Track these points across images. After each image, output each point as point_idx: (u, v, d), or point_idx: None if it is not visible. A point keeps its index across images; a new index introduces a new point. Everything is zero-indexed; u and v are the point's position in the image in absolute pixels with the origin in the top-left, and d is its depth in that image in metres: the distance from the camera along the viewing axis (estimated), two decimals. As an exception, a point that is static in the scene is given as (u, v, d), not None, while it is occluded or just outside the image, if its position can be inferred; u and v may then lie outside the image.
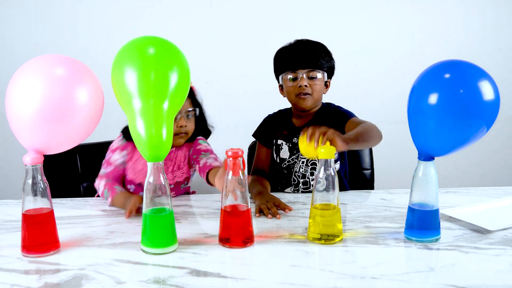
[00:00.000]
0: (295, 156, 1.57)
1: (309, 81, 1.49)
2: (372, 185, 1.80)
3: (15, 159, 1.91)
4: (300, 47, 1.52)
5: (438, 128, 1.05)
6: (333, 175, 1.10)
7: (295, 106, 1.57)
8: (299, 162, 1.56)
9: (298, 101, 1.52)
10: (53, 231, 1.10)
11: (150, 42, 1.10)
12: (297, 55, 1.50)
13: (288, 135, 1.59)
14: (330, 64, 1.54)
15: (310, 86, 1.50)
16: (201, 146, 1.57)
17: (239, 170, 1.09)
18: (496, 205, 1.36)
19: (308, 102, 1.52)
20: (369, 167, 1.78)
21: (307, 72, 1.49)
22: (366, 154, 1.79)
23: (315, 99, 1.53)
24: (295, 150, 1.57)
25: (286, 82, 1.53)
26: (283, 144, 1.58)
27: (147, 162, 1.08)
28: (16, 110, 1.06)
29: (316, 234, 1.13)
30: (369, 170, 1.79)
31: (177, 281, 0.95)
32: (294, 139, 1.57)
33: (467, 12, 2.61)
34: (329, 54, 1.54)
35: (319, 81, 1.51)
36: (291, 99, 1.56)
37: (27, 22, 2.49)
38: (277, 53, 1.58)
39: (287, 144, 1.57)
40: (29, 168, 1.05)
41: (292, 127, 1.60)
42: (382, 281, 0.94)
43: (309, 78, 1.49)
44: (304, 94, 1.50)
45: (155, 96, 1.06)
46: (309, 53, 1.50)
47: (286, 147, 1.57)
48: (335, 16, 2.57)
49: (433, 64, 1.10)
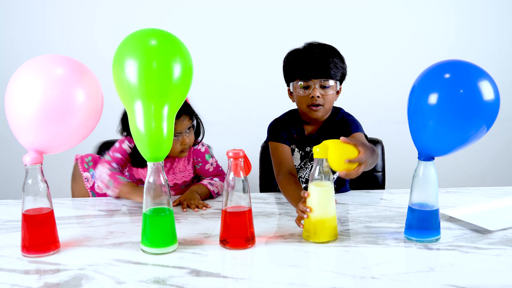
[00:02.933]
0: (303, 163, 1.56)
1: (321, 90, 1.43)
2: (384, 187, 1.79)
3: (15, 159, 1.92)
4: (312, 54, 1.44)
5: (438, 128, 1.05)
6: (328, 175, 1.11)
7: (306, 116, 1.51)
8: (306, 169, 1.56)
9: (309, 112, 1.46)
10: (53, 231, 1.10)
11: (152, 34, 1.07)
12: (309, 63, 1.43)
13: (301, 142, 1.55)
14: (343, 71, 1.48)
15: (322, 97, 1.43)
16: (200, 148, 1.61)
17: (240, 171, 1.09)
18: (496, 205, 1.35)
19: (319, 113, 1.47)
20: (380, 170, 1.78)
21: (320, 82, 1.42)
22: (379, 157, 1.78)
23: (326, 110, 1.47)
24: (306, 158, 1.55)
25: (297, 90, 1.46)
26: (295, 151, 1.55)
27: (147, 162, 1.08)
28: (16, 110, 1.06)
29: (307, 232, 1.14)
30: (380, 173, 1.78)
31: (177, 281, 0.95)
32: (307, 148, 1.54)
33: (467, 12, 2.61)
34: (342, 59, 1.47)
35: (332, 89, 1.45)
36: (301, 108, 1.49)
37: (27, 22, 2.49)
38: (287, 57, 1.51)
39: (299, 152, 1.55)
40: (29, 168, 1.05)
41: (304, 135, 1.56)
42: (382, 281, 0.94)
43: (321, 87, 1.43)
44: (316, 106, 1.44)
45: (157, 91, 1.04)
46: (322, 62, 1.42)
47: (299, 154, 1.55)
48: (335, 16, 2.57)
49: (433, 64, 1.10)
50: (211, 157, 1.62)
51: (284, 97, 1.57)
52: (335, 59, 1.45)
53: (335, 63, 1.44)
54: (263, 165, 1.80)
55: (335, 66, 1.44)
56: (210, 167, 1.61)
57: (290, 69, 1.49)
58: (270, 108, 1.71)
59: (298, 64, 1.46)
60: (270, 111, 1.71)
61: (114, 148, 1.55)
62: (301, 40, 1.53)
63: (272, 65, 1.64)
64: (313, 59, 1.43)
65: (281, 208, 1.41)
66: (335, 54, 1.46)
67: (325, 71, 1.42)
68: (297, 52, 1.48)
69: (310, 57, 1.44)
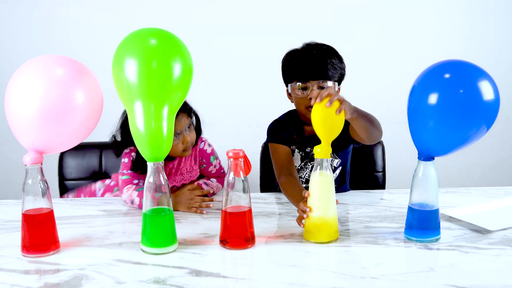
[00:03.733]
0: (303, 163, 1.56)
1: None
2: (384, 187, 1.79)
3: (15, 159, 1.92)
4: (310, 55, 1.43)
5: (438, 128, 1.05)
6: (329, 175, 1.11)
7: (304, 117, 1.50)
8: (306, 169, 1.56)
9: (308, 113, 1.43)
10: (53, 231, 1.10)
11: (152, 33, 1.07)
12: (307, 64, 1.42)
13: (301, 143, 1.55)
14: (342, 71, 1.46)
15: None
16: (206, 149, 1.60)
17: (240, 171, 1.09)
18: (496, 205, 1.36)
19: None
20: (381, 170, 1.78)
21: (318, 83, 1.42)
22: (379, 157, 1.78)
23: None
24: (306, 158, 1.55)
25: (295, 92, 1.45)
26: (295, 151, 1.55)
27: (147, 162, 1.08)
28: (16, 110, 1.06)
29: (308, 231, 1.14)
30: (381, 173, 1.78)
31: (177, 281, 0.95)
32: (308, 148, 1.54)
33: (467, 12, 2.61)
34: (341, 59, 1.46)
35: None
36: (300, 110, 1.49)
37: (27, 22, 2.49)
38: (286, 58, 1.50)
39: (299, 153, 1.55)
40: (29, 168, 1.05)
41: (304, 135, 1.55)
42: (382, 281, 0.94)
43: (319, 88, 1.42)
44: None
45: (157, 91, 1.04)
46: (320, 63, 1.41)
47: (299, 155, 1.55)
48: (335, 16, 2.57)
49: (433, 64, 1.10)
50: (216, 158, 1.61)
51: (284, 97, 1.57)
52: (333, 60, 1.43)
53: (333, 64, 1.43)
54: (263, 165, 1.80)
55: (333, 67, 1.43)
56: (213, 169, 1.60)
57: (288, 70, 1.49)
58: (270, 108, 1.71)
59: (296, 66, 1.45)
60: (270, 111, 1.71)
61: (124, 165, 1.49)
62: (301, 40, 1.52)
63: (272, 65, 1.63)
64: (310, 60, 1.42)
65: (281, 208, 1.41)
66: (333, 55, 1.45)
67: (323, 72, 1.42)
68: (295, 53, 1.47)
69: (307, 59, 1.43)
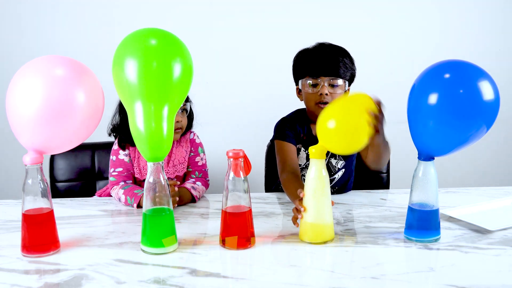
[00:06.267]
0: (308, 162, 1.56)
1: (330, 89, 1.44)
2: (388, 188, 1.79)
3: (15, 159, 1.92)
4: (323, 52, 1.46)
5: (438, 128, 1.06)
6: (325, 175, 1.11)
7: (313, 113, 1.51)
8: None
9: (317, 109, 1.46)
10: (53, 231, 1.10)
11: (152, 33, 1.07)
12: (320, 61, 1.45)
13: (307, 142, 1.55)
14: (352, 72, 1.49)
15: (331, 95, 1.44)
16: (196, 139, 1.64)
17: (240, 171, 1.09)
18: (496, 205, 1.36)
19: None
20: (385, 171, 1.78)
21: (329, 80, 1.44)
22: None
23: None
24: None
25: (306, 88, 1.47)
26: (301, 150, 1.55)
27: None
28: (16, 110, 1.06)
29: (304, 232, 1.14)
30: (385, 174, 1.79)
31: (177, 281, 0.95)
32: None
33: (467, 12, 2.61)
34: (352, 61, 1.49)
35: (340, 89, 1.46)
36: (309, 106, 1.50)
37: (27, 23, 2.49)
38: (298, 55, 1.53)
39: (305, 152, 1.55)
40: (29, 168, 1.05)
41: (311, 135, 1.56)
42: (382, 281, 0.94)
43: (330, 85, 1.44)
44: (324, 103, 1.44)
45: (157, 91, 1.04)
46: (333, 60, 1.44)
47: (304, 154, 1.55)
48: (335, 16, 2.57)
49: (433, 64, 1.10)
50: (203, 152, 1.64)
51: (286, 97, 1.57)
52: (345, 59, 1.47)
53: (344, 62, 1.46)
54: (268, 165, 1.80)
55: (345, 66, 1.46)
56: (200, 161, 1.62)
57: (299, 66, 1.51)
58: (270, 107, 1.72)
59: (308, 62, 1.47)
60: (270, 111, 1.71)
61: (112, 163, 1.54)
62: (301, 40, 1.53)
63: (272, 65, 1.64)
64: (323, 57, 1.45)
65: (281, 208, 1.41)
66: (345, 55, 1.48)
67: (334, 69, 1.44)
68: (308, 51, 1.51)
69: (320, 55, 1.46)
